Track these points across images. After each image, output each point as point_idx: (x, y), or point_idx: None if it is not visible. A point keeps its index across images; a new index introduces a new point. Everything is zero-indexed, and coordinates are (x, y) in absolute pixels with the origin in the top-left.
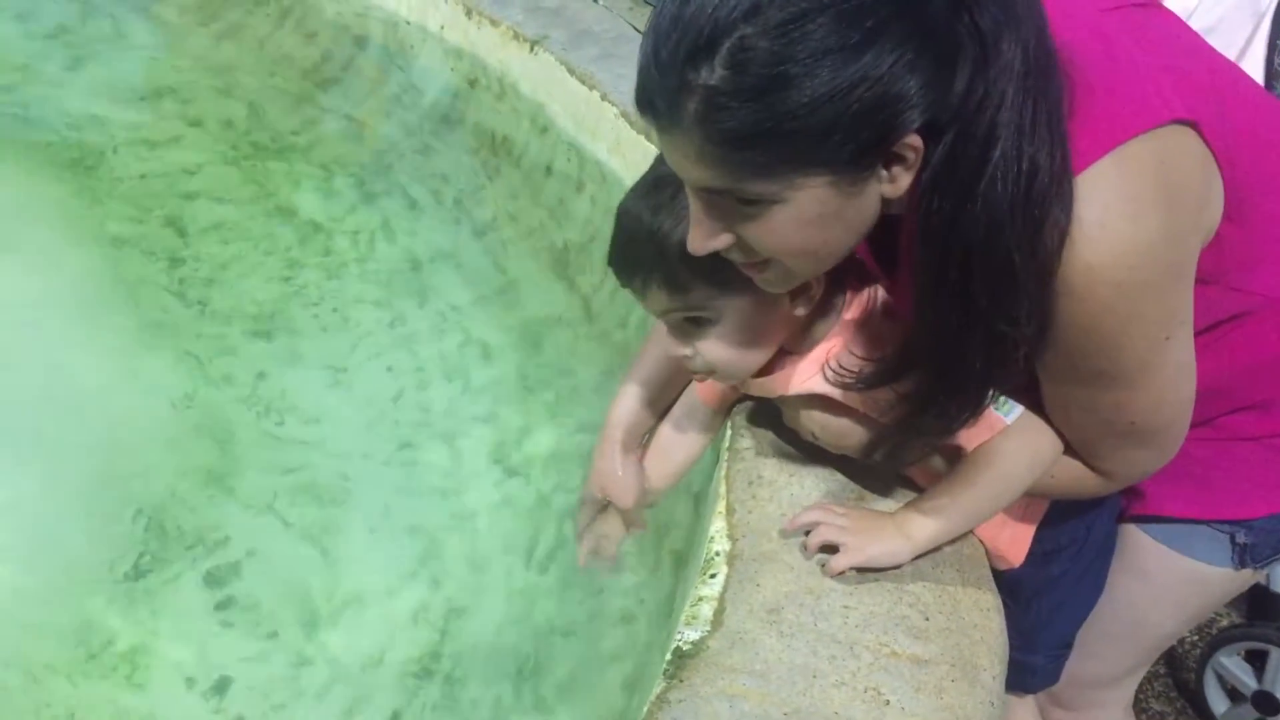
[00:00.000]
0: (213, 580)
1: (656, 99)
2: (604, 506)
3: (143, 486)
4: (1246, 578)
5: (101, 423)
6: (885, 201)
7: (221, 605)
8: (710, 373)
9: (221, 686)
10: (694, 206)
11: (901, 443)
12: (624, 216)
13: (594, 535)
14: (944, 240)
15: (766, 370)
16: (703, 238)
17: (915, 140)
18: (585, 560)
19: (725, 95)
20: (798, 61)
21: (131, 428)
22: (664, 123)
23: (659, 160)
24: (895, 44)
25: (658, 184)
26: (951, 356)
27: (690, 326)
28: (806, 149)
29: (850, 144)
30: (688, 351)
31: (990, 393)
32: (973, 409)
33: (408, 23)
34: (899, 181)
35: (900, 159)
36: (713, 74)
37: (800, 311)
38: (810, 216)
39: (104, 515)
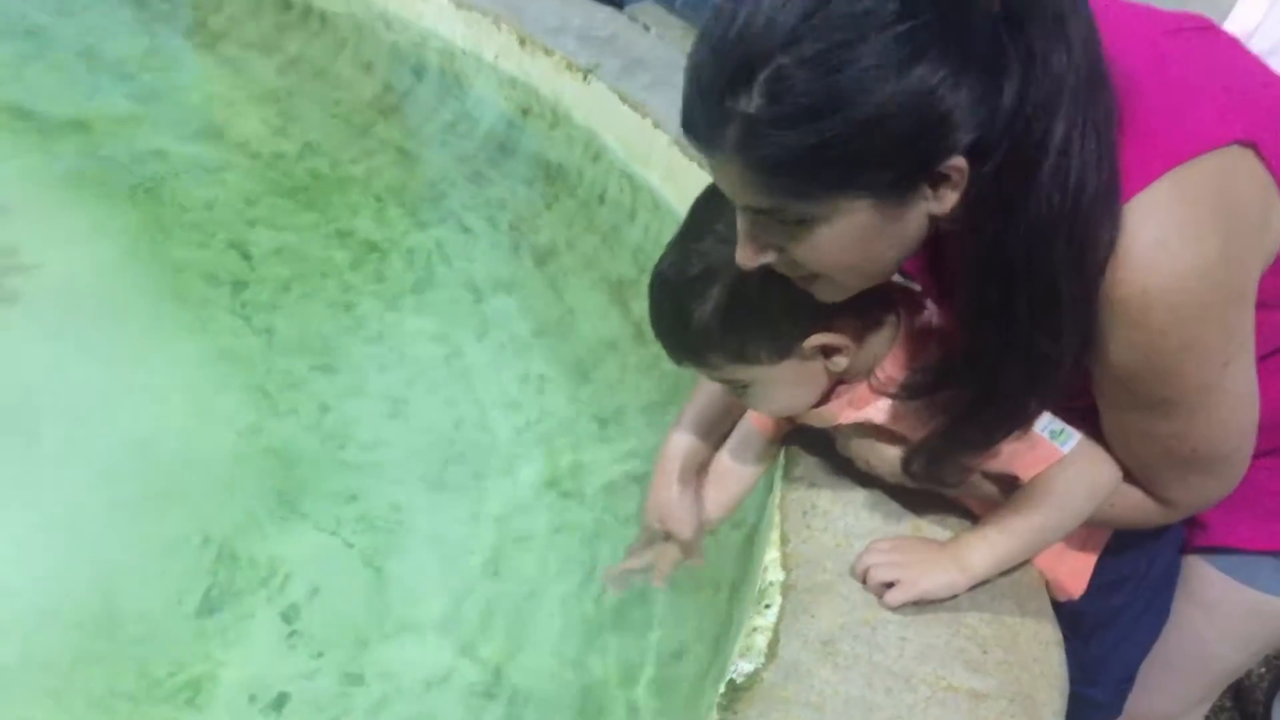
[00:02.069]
0: (279, 606)
1: (699, 124)
2: (662, 536)
3: (209, 517)
4: None
5: (168, 452)
6: (934, 219)
7: (286, 629)
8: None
9: (279, 703)
10: (741, 224)
11: (941, 452)
12: (655, 290)
13: (646, 560)
14: (990, 256)
15: (822, 399)
16: (750, 255)
17: (960, 163)
18: (611, 580)
19: (763, 123)
20: (833, 92)
21: (199, 457)
22: (707, 147)
23: (695, 209)
24: (936, 65)
25: (686, 254)
26: (994, 371)
27: (733, 386)
28: (847, 174)
29: (890, 170)
30: (736, 396)
31: (1033, 407)
32: (1015, 424)
33: (464, 52)
34: (946, 201)
35: (946, 179)
36: (751, 103)
37: (837, 369)
38: (854, 236)
39: (171, 545)
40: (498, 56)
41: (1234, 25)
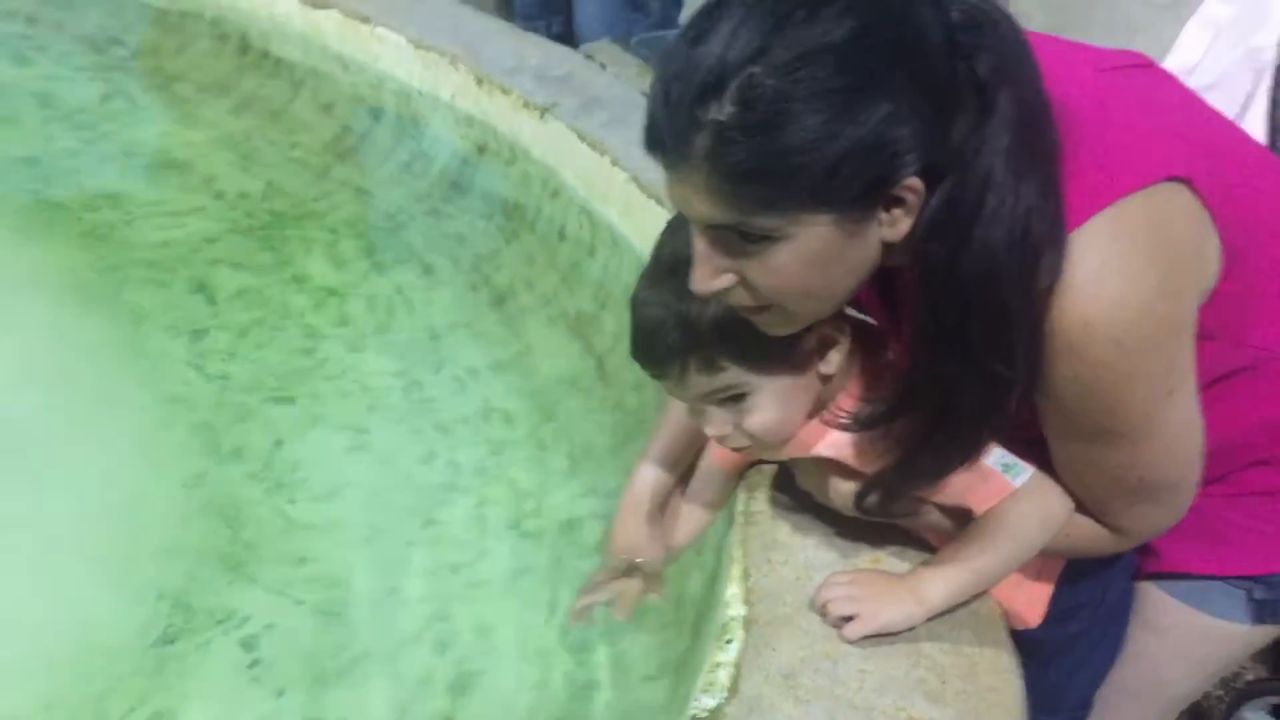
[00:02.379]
0: (233, 655)
1: (666, 136)
2: (625, 569)
3: (161, 567)
4: (1266, 633)
5: (120, 503)
6: (886, 247)
7: (239, 677)
8: (748, 445)
9: None
10: (698, 246)
11: (897, 486)
12: (645, 307)
13: (608, 593)
14: (942, 282)
15: None
16: (706, 278)
17: (915, 183)
18: (575, 615)
19: (733, 130)
20: (801, 100)
21: (150, 507)
22: (673, 159)
23: (662, 242)
24: (895, 89)
25: (673, 269)
26: (948, 398)
27: (730, 404)
28: (810, 186)
29: (852, 184)
30: (727, 430)
31: (985, 436)
32: (967, 453)
33: (420, 93)
34: (899, 225)
35: (900, 201)
36: (722, 110)
37: (830, 368)
38: (813, 256)
39: (123, 596)
40: (454, 96)
41: (1174, 62)
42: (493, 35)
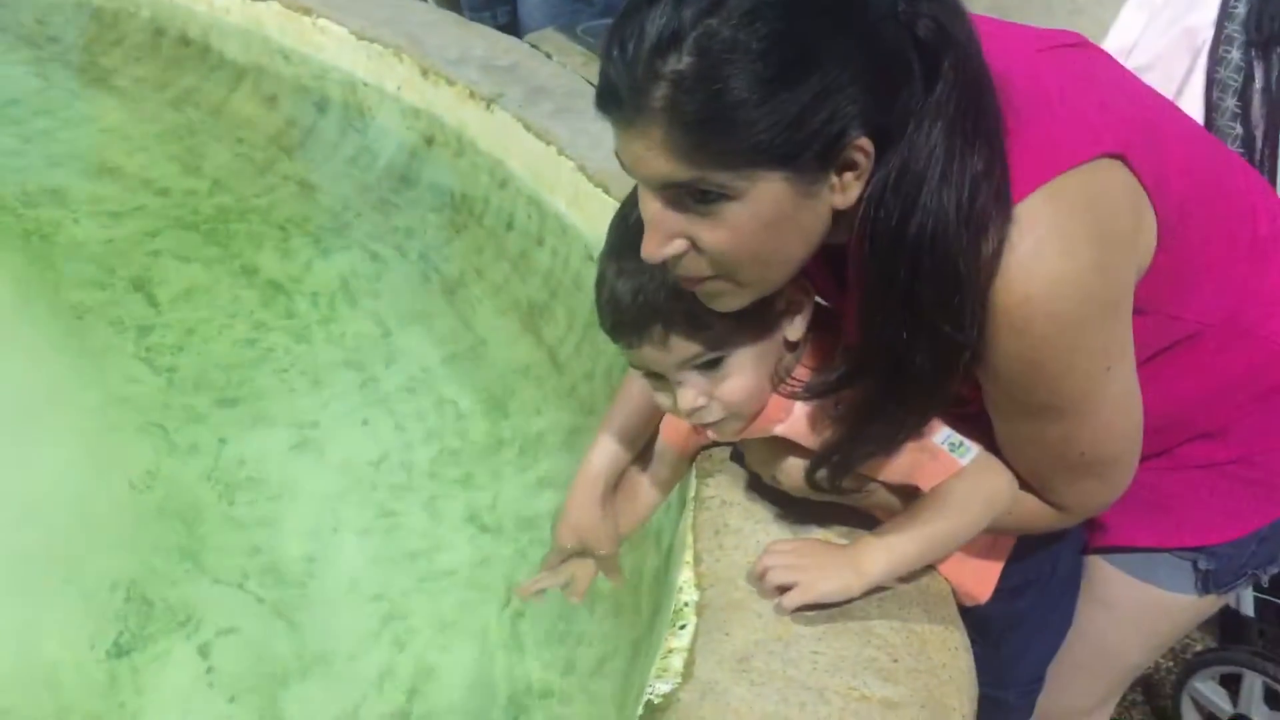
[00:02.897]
0: (189, 659)
1: (623, 91)
2: (576, 553)
3: (112, 568)
4: (1211, 604)
5: (69, 505)
6: (836, 216)
7: (196, 680)
8: (719, 420)
9: None
10: (650, 211)
11: (848, 456)
12: (620, 276)
13: (561, 576)
14: (891, 245)
15: None
16: (657, 243)
17: (866, 144)
18: (525, 592)
19: (691, 80)
20: (756, 51)
21: (98, 509)
22: (629, 115)
23: (628, 211)
24: (843, 48)
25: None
26: (899, 362)
27: (708, 371)
28: (765, 140)
29: (806, 140)
30: (701, 402)
31: (936, 401)
32: (918, 419)
33: (365, 84)
34: (849, 191)
35: (852, 165)
36: (680, 60)
37: (796, 334)
38: (765, 216)
39: (74, 602)
40: (400, 88)
41: (1112, 42)
42: (437, 26)
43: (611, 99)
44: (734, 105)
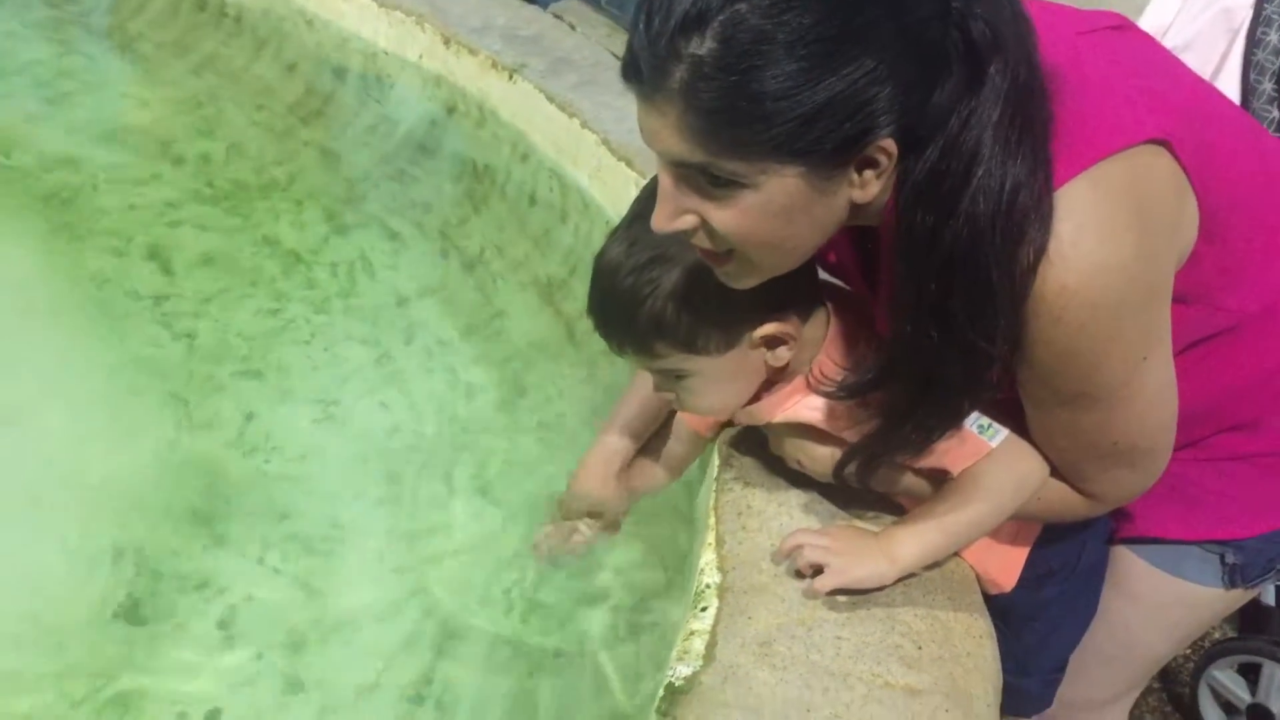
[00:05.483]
0: (205, 624)
1: (643, 66)
2: (582, 515)
3: (132, 534)
4: (1237, 597)
5: (87, 470)
6: (856, 208)
7: (211, 645)
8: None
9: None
10: (663, 183)
11: (877, 455)
12: (599, 275)
13: (564, 532)
14: (925, 254)
15: (753, 397)
16: (667, 217)
17: (889, 145)
18: (539, 551)
19: (711, 66)
20: (783, 44)
21: (118, 473)
22: (648, 90)
23: (642, 198)
24: (880, 44)
25: (635, 242)
26: (930, 370)
27: (670, 378)
28: (781, 135)
29: (825, 138)
30: (670, 396)
31: (967, 406)
32: (949, 423)
33: (385, 53)
34: (869, 188)
35: (873, 163)
36: (702, 44)
37: (779, 362)
38: (777, 207)
39: (91, 564)
40: (422, 56)
41: (1148, 22)
42: None
43: (633, 71)
44: (752, 97)
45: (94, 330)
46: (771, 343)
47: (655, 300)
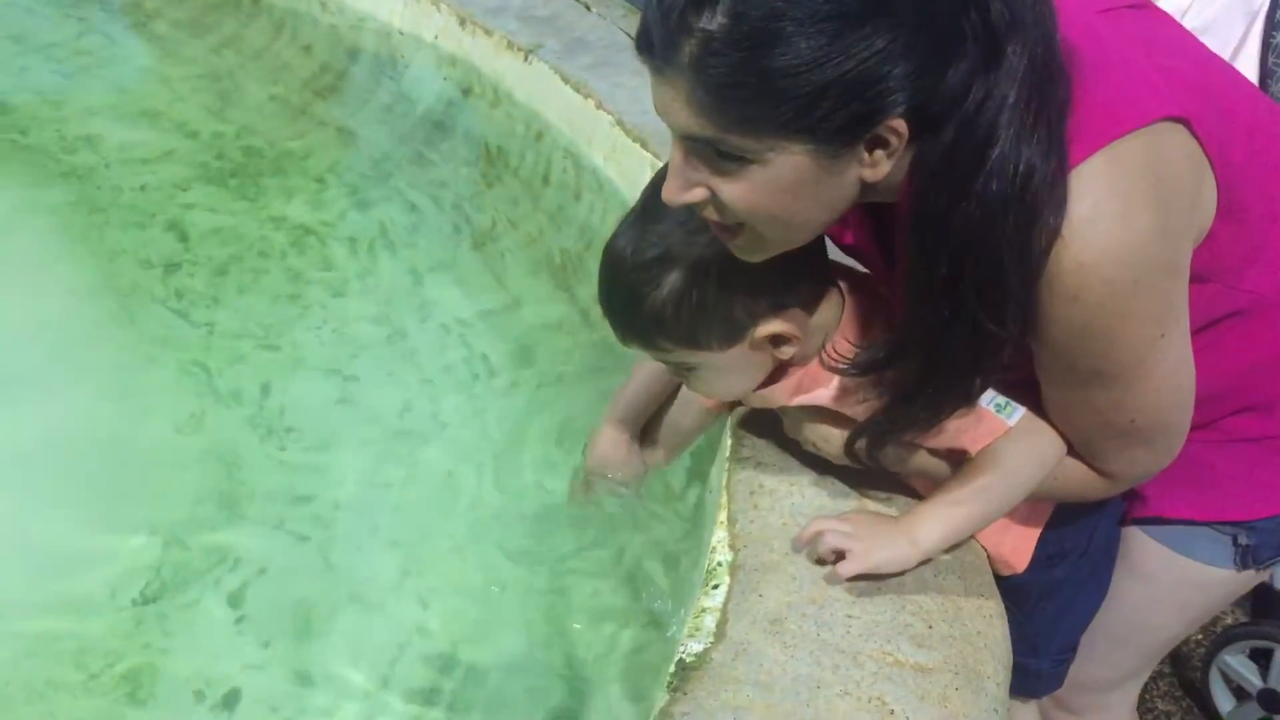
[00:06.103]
0: (222, 603)
1: (656, 39)
2: (599, 476)
3: (152, 509)
4: (1249, 579)
5: (109, 443)
6: (867, 186)
7: (229, 627)
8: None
9: (230, 701)
10: (674, 156)
11: (886, 432)
12: (606, 268)
13: (585, 490)
14: (937, 235)
15: (766, 380)
16: (678, 189)
17: (900, 125)
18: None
19: (721, 42)
20: (794, 20)
21: (138, 447)
22: (659, 64)
23: (652, 189)
24: (893, 24)
25: (640, 237)
26: (940, 350)
27: (679, 367)
28: (791, 112)
29: (834, 116)
30: (679, 378)
31: (978, 386)
32: (959, 402)
33: (401, 33)
34: (879, 167)
35: (883, 143)
36: (713, 20)
37: (785, 356)
38: (786, 184)
39: (113, 536)
40: (437, 36)
41: (1167, 5)
42: None
43: (646, 44)
44: (761, 74)
45: (114, 306)
46: (774, 341)
47: (656, 299)
